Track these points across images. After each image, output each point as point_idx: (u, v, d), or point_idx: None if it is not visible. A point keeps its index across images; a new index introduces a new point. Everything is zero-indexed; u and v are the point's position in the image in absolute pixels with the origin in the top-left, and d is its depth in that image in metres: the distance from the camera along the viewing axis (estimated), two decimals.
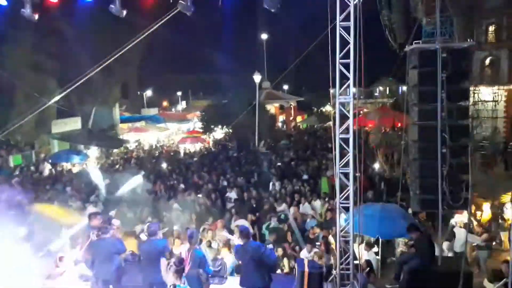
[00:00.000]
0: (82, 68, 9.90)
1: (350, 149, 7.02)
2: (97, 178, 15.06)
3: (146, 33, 7.64)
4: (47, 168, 21.64)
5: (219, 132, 30.49)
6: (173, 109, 55.13)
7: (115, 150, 27.43)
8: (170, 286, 7.38)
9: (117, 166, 21.77)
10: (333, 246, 9.12)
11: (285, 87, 45.87)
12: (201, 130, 30.27)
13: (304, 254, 8.95)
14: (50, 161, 22.65)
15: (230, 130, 28.04)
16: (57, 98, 13.74)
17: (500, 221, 11.77)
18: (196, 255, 6.94)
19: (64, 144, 26.33)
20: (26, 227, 9.09)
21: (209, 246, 8.97)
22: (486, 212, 11.76)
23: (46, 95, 19.19)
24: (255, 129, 24.42)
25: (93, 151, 26.03)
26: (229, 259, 8.63)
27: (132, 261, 7.77)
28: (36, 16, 12.01)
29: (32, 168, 21.59)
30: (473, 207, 11.12)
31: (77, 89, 10.76)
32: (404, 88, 27.55)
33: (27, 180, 17.91)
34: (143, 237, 7.49)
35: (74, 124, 28.67)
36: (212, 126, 29.50)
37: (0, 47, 22.63)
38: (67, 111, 27.00)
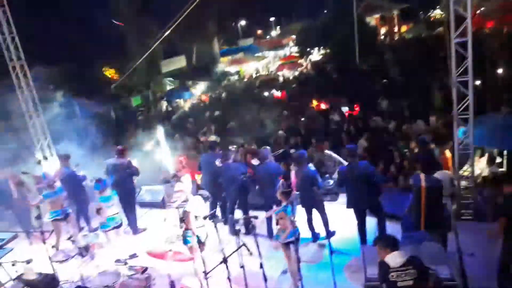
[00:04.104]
0: (178, 6, 10.28)
1: (469, 54, 6.29)
2: None
3: None
4: (164, 105, 24.01)
5: (316, 54, 29.50)
6: (267, 37, 54.34)
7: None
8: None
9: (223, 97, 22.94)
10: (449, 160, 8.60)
11: None
12: (297, 55, 29.60)
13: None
14: (165, 99, 24.97)
15: (328, 51, 26.92)
16: (161, 38, 14.61)
17: None
18: (307, 173, 7.09)
19: (174, 81, 28.39)
20: None
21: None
22: None
23: (151, 38, 20.49)
24: (355, 46, 23.05)
25: (200, 86, 27.59)
26: None
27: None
28: None
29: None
30: None
31: (177, 28, 11.31)
32: None
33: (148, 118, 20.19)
34: (255, 161, 7.95)
35: (179, 62, 30.51)
36: (308, 49, 28.60)
37: None
38: (171, 51, 28.57)
